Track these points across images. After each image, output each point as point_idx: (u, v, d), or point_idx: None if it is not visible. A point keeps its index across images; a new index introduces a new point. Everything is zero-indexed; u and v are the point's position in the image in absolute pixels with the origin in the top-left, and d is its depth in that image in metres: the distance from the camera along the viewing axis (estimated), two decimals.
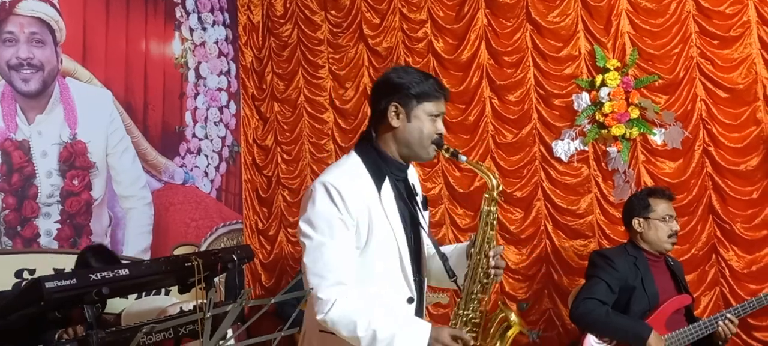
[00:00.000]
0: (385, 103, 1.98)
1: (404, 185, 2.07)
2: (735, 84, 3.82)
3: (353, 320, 1.85)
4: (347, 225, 1.90)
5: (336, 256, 1.88)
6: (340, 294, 1.87)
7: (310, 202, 1.93)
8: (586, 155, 4.20)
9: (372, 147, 2.01)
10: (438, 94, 1.99)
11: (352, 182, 1.95)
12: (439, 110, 2.00)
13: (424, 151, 2.00)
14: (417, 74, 2.02)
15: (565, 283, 4.18)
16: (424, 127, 1.97)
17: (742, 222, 3.83)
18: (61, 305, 2.57)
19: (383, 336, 1.84)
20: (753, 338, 3.78)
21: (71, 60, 4.14)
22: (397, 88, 1.98)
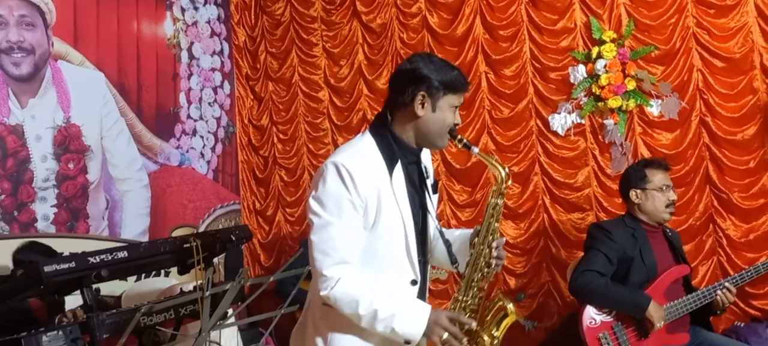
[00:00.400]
0: (412, 92, 1.99)
1: (416, 169, 2.11)
2: (731, 53, 3.80)
3: (355, 298, 1.90)
4: (356, 206, 1.93)
5: (342, 236, 1.92)
6: (343, 273, 1.91)
7: (321, 181, 1.97)
8: (583, 128, 4.19)
9: (387, 130, 2.03)
10: (464, 87, 2.04)
11: (364, 163, 1.97)
12: (460, 102, 2.05)
13: (439, 139, 2.04)
14: (443, 65, 2.03)
15: (563, 256, 4.19)
16: (447, 119, 2.01)
17: (740, 191, 3.83)
18: (60, 289, 2.57)
19: (383, 316, 1.90)
20: (751, 306, 3.80)
21: (62, 42, 4.10)
22: (426, 78, 1.99)
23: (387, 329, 1.91)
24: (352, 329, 1.97)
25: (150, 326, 2.61)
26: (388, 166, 1.99)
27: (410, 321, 1.91)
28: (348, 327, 1.97)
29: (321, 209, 1.94)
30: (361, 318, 1.91)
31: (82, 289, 2.52)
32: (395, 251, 2.01)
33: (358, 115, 4.86)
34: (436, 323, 1.92)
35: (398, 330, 1.91)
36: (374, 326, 1.91)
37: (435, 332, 1.92)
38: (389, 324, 1.90)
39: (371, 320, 1.90)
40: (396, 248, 2.01)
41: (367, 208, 1.95)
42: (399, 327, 1.91)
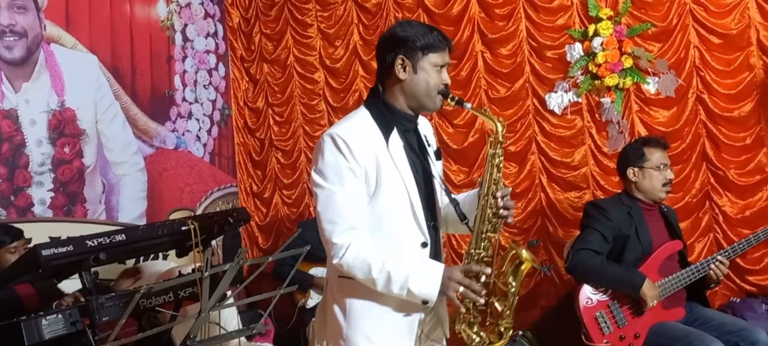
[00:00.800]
0: (392, 57, 2.03)
1: (415, 136, 2.13)
2: (728, 30, 3.79)
3: (368, 262, 1.91)
4: (356, 173, 1.96)
5: (347, 203, 1.94)
6: (353, 238, 1.93)
7: (319, 154, 2.00)
8: (580, 107, 4.18)
9: (380, 101, 2.06)
10: (442, 45, 2.03)
11: (359, 132, 2.00)
12: (443, 61, 2.04)
13: (430, 101, 2.05)
14: (421, 27, 2.06)
15: (560, 235, 4.21)
16: (431, 79, 2.02)
17: (736, 168, 3.84)
18: (59, 272, 2.57)
19: (397, 277, 1.90)
20: (746, 282, 3.83)
21: (55, 26, 4.06)
22: (403, 41, 2.02)
23: (402, 290, 1.92)
24: (369, 294, 1.98)
25: (149, 308, 2.62)
26: (384, 134, 2.02)
27: (425, 280, 1.91)
28: (365, 293, 1.98)
29: (322, 180, 1.97)
30: (375, 282, 1.92)
31: (81, 272, 2.52)
32: (401, 216, 2.02)
33: (354, 96, 4.84)
34: (450, 279, 1.91)
35: (414, 290, 1.91)
36: (390, 289, 1.92)
37: (450, 288, 1.91)
38: (404, 285, 1.91)
39: (386, 283, 1.91)
40: (401, 213, 2.02)
41: (368, 175, 1.97)
42: (414, 287, 1.91)
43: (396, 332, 2.02)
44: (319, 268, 4.27)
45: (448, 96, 2.04)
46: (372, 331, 2.00)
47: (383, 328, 2.00)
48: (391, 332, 2.01)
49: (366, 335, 2.00)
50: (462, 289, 1.91)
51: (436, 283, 1.91)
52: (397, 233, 2.01)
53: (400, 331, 2.02)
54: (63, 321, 2.46)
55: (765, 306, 3.67)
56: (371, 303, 2.00)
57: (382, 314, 2.00)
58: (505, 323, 2.02)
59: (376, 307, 2.00)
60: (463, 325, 2.03)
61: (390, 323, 2.01)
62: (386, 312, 2.00)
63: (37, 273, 2.51)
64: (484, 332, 2.04)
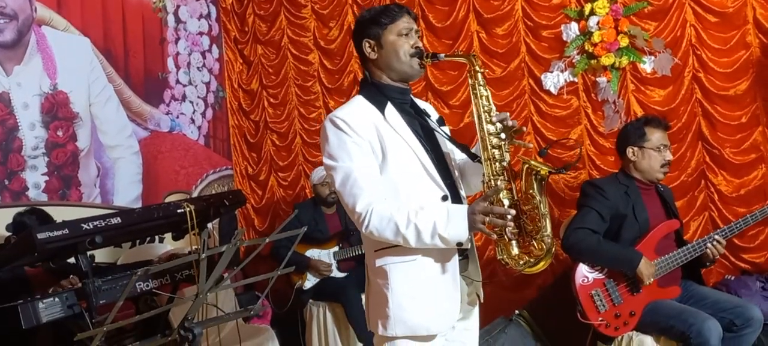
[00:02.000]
0: (360, 43, 2.17)
1: (411, 106, 2.20)
2: (725, 8, 3.78)
3: (393, 220, 1.96)
4: (360, 145, 2.04)
5: (362, 174, 2.01)
6: (373, 203, 1.99)
7: (324, 139, 2.09)
8: (576, 87, 4.17)
9: (369, 84, 2.18)
10: (399, 13, 2.13)
11: (356, 111, 2.10)
12: (407, 28, 2.12)
13: (407, 66, 2.12)
14: (377, 7, 2.18)
15: (556, 214, 4.21)
16: (399, 47, 2.11)
17: (731, 147, 3.85)
18: (54, 256, 2.55)
19: (425, 227, 1.94)
20: (741, 260, 3.85)
21: (46, 8, 4.02)
22: (363, 25, 2.16)
23: (434, 238, 1.95)
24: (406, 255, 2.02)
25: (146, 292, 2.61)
26: (379, 108, 2.11)
27: (452, 223, 1.94)
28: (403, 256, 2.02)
29: (333, 161, 2.05)
30: (406, 238, 1.96)
31: (77, 256, 2.51)
32: (415, 178, 2.07)
33: (349, 78, 4.82)
34: (474, 213, 1.92)
35: (445, 235, 1.94)
36: (422, 241, 1.95)
37: (477, 222, 1.92)
38: (434, 232, 1.93)
39: (417, 236, 1.95)
40: (414, 174, 2.07)
41: (372, 147, 2.05)
42: (444, 232, 1.93)
43: (440, 287, 2.04)
44: (316, 249, 4.27)
45: (421, 56, 2.11)
46: (416, 290, 2.03)
47: (427, 285, 2.03)
48: (436, 288, 2.04)
49: (411, 296, 2.03)
50: (489, 218, 1.91)
51: (463, 222, 1.93)
52: (416, 194, 2.04)
53: (445, 286, 2.04)
54: (60, 304, 2.45)
55: (759, 283, 3.70)
56: (410, 264, 2.03)
57: (423, 272, 2.03)
58: (543, 236, 2.02)
59: (415, 266, 2.03)
60: (503, 254, 2.04)
61: (432, 278, 2.03)
62: (427, 270, 2.03)
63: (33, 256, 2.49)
64: (526, 252, 2.04)
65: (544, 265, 2.05)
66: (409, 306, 2.03)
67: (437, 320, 2.04)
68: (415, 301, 2.03)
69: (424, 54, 2.11)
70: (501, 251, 2.04)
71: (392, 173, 2.05)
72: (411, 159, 2.07)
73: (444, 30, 4.48)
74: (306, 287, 4.26)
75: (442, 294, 2.04)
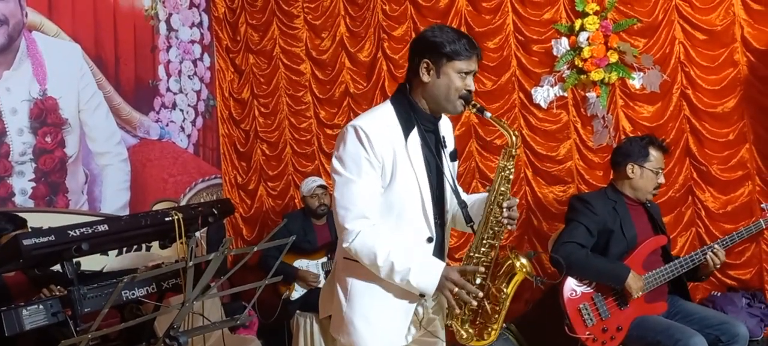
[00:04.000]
0: (418, 60, 2.11)
1: (434, 136, 2.21)
2: (713, 26, 3.82)
3: (374, 250, 2.04)
4: (373, 165, 2.06)
5: (361, 192, 2.05)
6: (363, 226, 2.05)
7: (341, 142, 2.11)
8: (566, 101, 4.20)
9: (405, 98, 2.16)
10: (469, 53, 2.09)
11: (381, 126, 2.10)
12: (469, 68, 2.11)
13: (450, 105, 2.12)
14: (451, 33, 2.11)
15: (545, 228, 4.23)
16: (452, 84, 2.09)
17: (718, 163, 3.88)
18: (40, 262, 2.53)
19: (400, 268, 2.03)
20: (727, 276, 3.88)
21: (37, 13, 4.00)
22: (430, 46, 2.09)
23: (403, 281, 2.05)
24: (370, 277, 2.11)
25: (132, 300, 2.59)
26: (405, 131, 2.12)
27: (425, 275, 2.04)
28: (366, 276, 2.11)
29: (342, 167, 2.08)
30: (379, 269, 2.04)
31: (63, 263, 2.49)
32: (411, 210, 2.12)
33: (341, 88, 4.82)
34: (447, 278, 2.03)
35: (413, 283, 2.04)
36: (392, 278, 2.05)
37: (446, 287, 2.03)
38: (405, 276, 2.03)
39: (389, 272, 2.04)
40: (412, 206, 2.12)
41: (384, 167, 2.08)
42: (414, 280, 2.03)
43: (392, 315, 2.14)
44: (304, 260, 4.25)
45: (469, 102, 2.11)
46: (369, 311, 2.12)
47: (380, 309, 2.12)
48: (388, 314, 2.13)
49: (364, 315, 2.12)
50: (457, 289, 2.02)
51: (434, 279, 2.03)
52: (406, 225, 2.13)
53: (396, 314, 2.14)
54: (44, 312, 2.43)
55: (745, 300, 3.72)
56: (371, 285, 2.12)
57: (380, 296, 2.11)
58: (493, 326, 2.15)
59: (375, 289, 2.13)
60: (454, 321, 2.16)
61: (387, 305, 2.12)
62: (384, 295, 2.12)
63: (18, 263, 2.47)
64: (473, 329, 2.17)
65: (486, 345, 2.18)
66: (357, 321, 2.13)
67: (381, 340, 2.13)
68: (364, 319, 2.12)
69: (471, 101, 2.11)
70: (452, 318, 2.16)
71: (392, 198, 2.10)
72: (414, 193, 2.12)
73: None
74: (293, 297, 4.24)
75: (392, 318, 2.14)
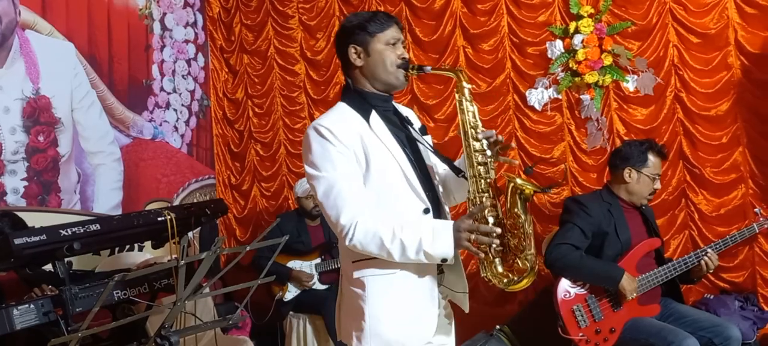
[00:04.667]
0: (345, 50, 2.11)
1: (395, 114, 2.18)
2: (707, 29, 3.83)
3: (378, 235, 1.93)
4: (344, 155, 2.00)
5: (345, 185, 1.98)
6: (358, 216, 1.95)
7: (306, 148, 2.05)
8: (560, 103, 4.20)
9: (352, 91, 2.14)
10: (388, 22, 2.10)
11: (340, 119, 2.06)
12: (395, 38, 2.10)
13: (392, 77, 2.10)
14: (365, 13, 2.15)
15: (538, 230, 4.22)
16: (386, 58, 2.08)
17: (712, 166, 3.89)
18: (32, 262, 2.51)
19: (410, 243, 1.92)
20: (720, 279, 3.88)
21: (30, 12, 3.98)
22: (351, 31, 2.11)
23: (419, 254, 1.92)
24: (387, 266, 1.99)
25: (124, 300, 2.58)
26: (364, 116, 2.08)
27: (438, 239, 1.92)
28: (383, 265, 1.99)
29: (316, 171, 2.01)
30: (391, 253, 1.93)
31: (54, 262, 2.47)
32: (398, 189, 2.04)
33: (335, 89, 4.81)
34: (459, 230, 1.92)
35: (430, 252, 1.92)
36: (406, 256, 1.93)
37: (463, 239, 1.91)
38: (420, 248, 1.91)
39: (402, 251, 1.92)
40: (397, 185, 2.04)
41: (356, 156, 2.01)
42: (429, 248, 1.91)
43: (418, 301, 2.01)
44: (298, 261, 4.24)
45: (407, 67, 2.09)
46: (396, 307, 2.00)
47: (405, 299, 2.00)
48: (414, 302, 2.01)
49: (391, 312, 2.00)
50: (474, 236, 1.92)
51: (449, 238, 1.91)
52: (398, 204, 2.02)
53: (423, 299, 2.02)
54: (35, 311, 2.41)
55: (738, 303, 3.73)
56: (390, 277, 2.00)
57: (401, 286, 2.00)
58: (527, 255, 2.01)
59: (396, 279, 2.00)
60: (487, 271, 2.02)
61: (411, 293, 2.01)
62: (406, 284, 2.00)
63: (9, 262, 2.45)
64: (510, 270, 2.02)
65: (527, 282, 2.03)
66: (387, 320, 2.00)
67: (413, 336, 2.01)
68: (393, 315, 2.00)
69: (410, 66, 2.09)
70: (485, 269, 2.02)
71: (375, 183, 2.02)
72: (395, 170, 2.03)
73: (430, 44, 4.50)
74: (287, 298, 4.23)
75: (419, 309, 2.02)
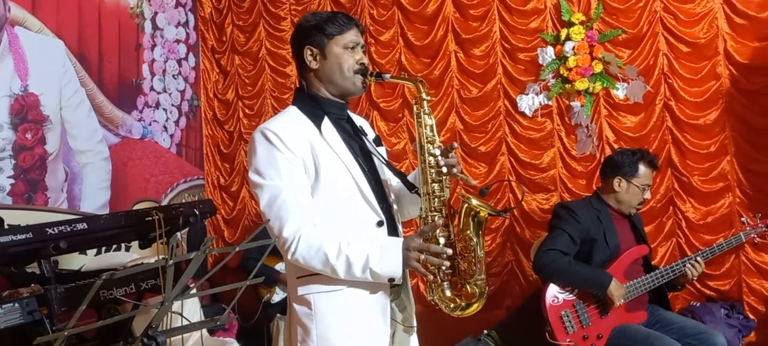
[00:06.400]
0: (300, 50, 2.01)
1: (348, 123, 2.08)
2: (697, 39, 3.87)
3: (323, 250, 1.83)
4: (292, 162, 1.89)
5: (290, 194, 1.87)
6: (302, 228, 1.85)
7: (252, 152, 1.94)
8: (550, 110, 4.22)
9: (305, 94, 2.04)
10: (347, 25, 1.99)
11: (290, 124, 1.96)
12: (354, 42, 1.99)
13: (349, 83, 2.00)
14: (324, 13, 2.05)
15: (527, 236, 4.24)
16: (343, 62, 1.98)
17: (699, 175, 3.92)
18: (17, 260, 2.49)
19: (357, 260, 1.82)
20: (707, 287, 3.91)
21: (20, 8, 3.94)
22: (308, 31, 2.00)
23: (365, 272, 1.83)
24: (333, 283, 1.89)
25: (110, 299, 2.55)
26: (315, 123, 1.97)
27: (386, 258, 1.82)
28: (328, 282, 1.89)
29: (260, 178, 1.91)
30: (335, 269, 1.83)
31: (40, 261, 2.44)
32: (349, 200, 1.94)
33: None
34: (408, 249, 1.83)
35: (377, 270, 1.83)
36: (352, 274, 1.83)
37: (412, 259, 1.82)
38: (366, 267, 1.82)
39: (347, 269, 1.82)
40: (349, 195, 1.94)
41: (305, 164, 1.91)
42: (377, 267, 1.82)
43: (370, 318, 1.92)
44: None
45: (365, 73, 2.00)
46: (344, 323, 1.91)
47: (356, 316, 1.91)
48: (365, 319, 1.92)
49: (340, 329, 1.91)
50: (424, 256, 1.83)
51: (397, 257, 1.82)
52: (349, 216, 1.93)
53: (374, 318, 1.93)
54: (19, 310, 2.38)
55: (724, 310, 3.75)
56: (337, 293, 1.90)
57: (351, 301, 1.91)
58: (476, 281, 1.94)
59: (343, 295, 1.90)
60: (434, 295, 1.95)
61: (361, 311, 1.91)
62: (355, 301, 1.91)
63: None
64: (458, 294, 1.95)
65: (475, 309, 1.96)
66: (336, 339, 1.89)
67: None
68: (342, 333, 1.90)
69: (368, 72, 2.00)
70: (432, 292, 1.95)
71: (324, 194, 1.91)
72: (346, 180, 1.93)
73: (422, 49, 4.51)
74: (274, 300, 4.21)
75: (370, 326, 1.92)
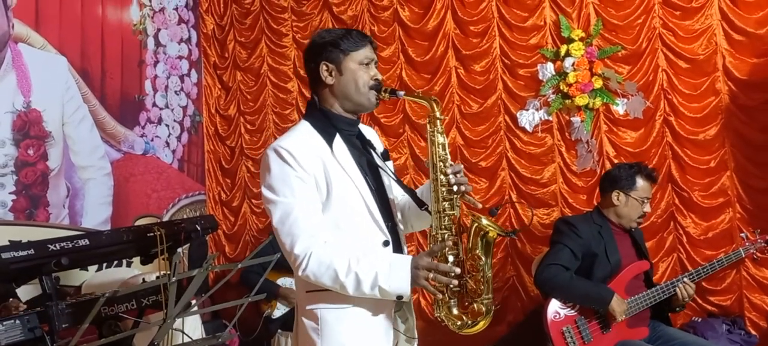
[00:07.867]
0: (316, 66, 2.04)
1: (359, 139, 2.12)
2: (696, 55, 3.89)
3: (333, 267, 1.87)
4: (304, 180, 1.93)
5: (302, 212, 1.91)
6: (313, 245, 1.89)
7: (265, 169, 1.98)
8: (550, 125, 4.24)
9: (318, 110, 2.06)
10: (362, 42, 2.04)
11: (302, 141, 1.99)
12: (368, 58, 2.04)
13: (364, 98, 2.03)
14: (338, 30, 2.09)
15: (528, 251, 4.24)
16: (359, 78, 2.02)
17: (700, 190, 3.92)
18: (19, 276, 2.49)
19: (366, 278, 1.86)
20: (708, 302, 3.90)
21: (23, 25, 3.97)
22: (323, 47, 2.04)
23: (374, 289, 1.87)
24: (341, 300, 1.93)
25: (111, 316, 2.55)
26: (327, 140, 2.01)
27: (395, 275, 1.86)
28: (336, 300, 1.94)
29: (273, 194, 1.94)
30: (345, 286, 1.87)
31: (41, 277, 2.45)
32: (358, 219, 1.98)
33: None
34: (417, 268, 1.86)
35: (386, 288, 1.86)
36: (361, 291, 1.87)
37: (420, 277, 1.86)
38: (375, 284, 1.86)
39: (356, 286, 1.86)
40: (358, 215, 1.98)
41: (317, 182, 1.95)
42: (386, 285, 1.86)
43: (374, 336, 1.97)
44: (288, 278, 4.22)
45: (380, 90, 2.03)
46: (348, 339, 1.95)
47: (360, 333, 1.95)
48: (370, 336, 1.97)
49: (345, 343, 1.95)
50: (432, 274, 1.87)
51: (406, 275, 1.86)
52: (357, 235, 1.97)
53: (378, 333, 1.98)
54: (21, 327, 2.38)
55: (725, 326, 3.74)
56: (343, 310, 1.95)
57: (357, 319, 1.95)
58: (483, 299, 1.97)
59: (349, 313, 1.95)
60: (441, 311, 1.98)
61: (366, 327, 1.96)
62: (361, 316, 1.95)
63: None
64: (465, 312, 1.98)
65: (481, 326, 1.99)
66: None
67: None
68: None
69: (383, 89, 2.03)
70: (439, 309, 1.99)
71: (334, 212, 1.95)
72: (355, 199, 1.98)
73: (423, 65, 4.53)
74: (275, 315, 4.20)
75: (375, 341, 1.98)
